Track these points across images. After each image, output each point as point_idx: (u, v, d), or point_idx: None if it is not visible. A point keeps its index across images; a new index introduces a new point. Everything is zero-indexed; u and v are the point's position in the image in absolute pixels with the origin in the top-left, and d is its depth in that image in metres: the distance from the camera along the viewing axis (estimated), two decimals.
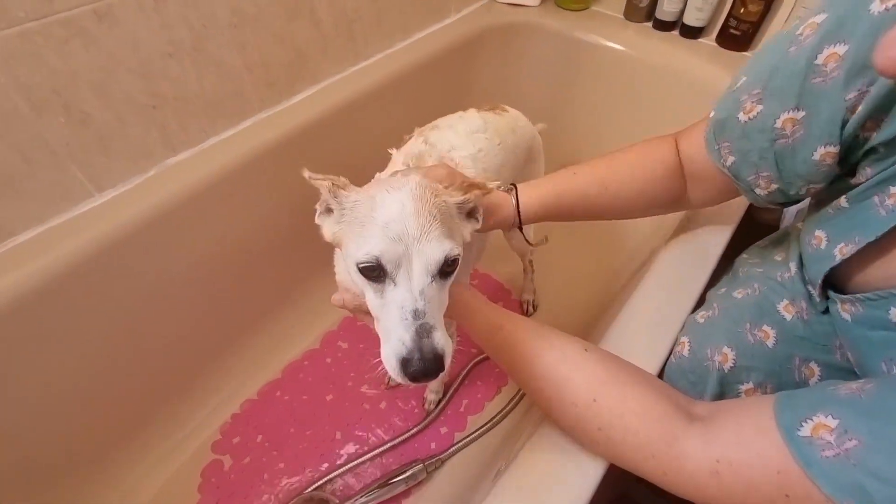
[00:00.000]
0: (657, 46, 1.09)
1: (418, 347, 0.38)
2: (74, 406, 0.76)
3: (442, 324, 0.41)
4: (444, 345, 0.39)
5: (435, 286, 0.42)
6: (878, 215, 0.39)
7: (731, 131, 0.49)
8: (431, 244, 0.41)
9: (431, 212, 0.43)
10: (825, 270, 0.45)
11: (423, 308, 0.40)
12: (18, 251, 0.65)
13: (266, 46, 0.80)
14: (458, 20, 1.17)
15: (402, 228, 0.41)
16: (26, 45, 0.56)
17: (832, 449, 0.31)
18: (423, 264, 0.41)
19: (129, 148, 0.71)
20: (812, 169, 0.43)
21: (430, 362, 0.38)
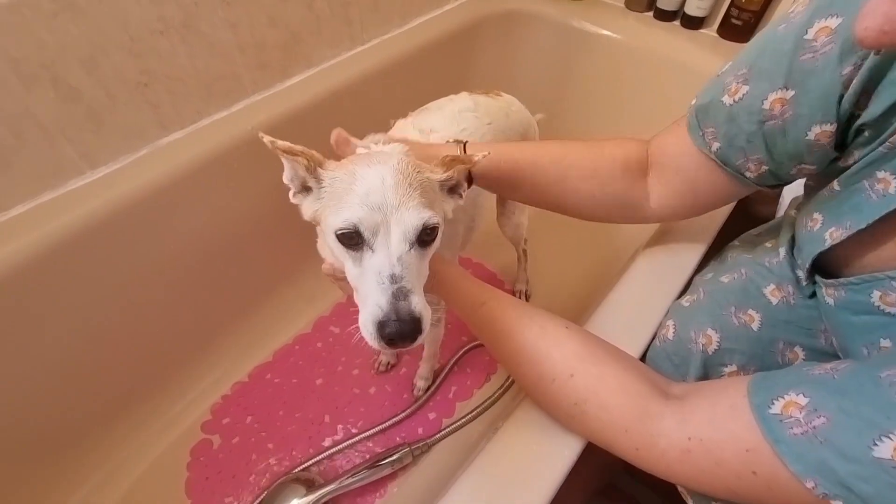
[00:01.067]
0: (658, 37, 1.08)
1: (394, 310, 0.38)
2: (65, 382, 0.77)
3: (420, 291, 0.41)
4: (421, 309, 0.39)
5: (413, 254, 0.42)
6: (870, 200, 0.38)
7: (715, 115, 0.48)
8: (410, 212, 0.41)
9: (412, 184, 0.43)
10: (815, 253, 0.44)
11: (401, 273, 0.40)
12: (8, 226, 0.65)
13: (259, 27, 0.80)
14: (457, 7, 1.17)
15: (381, 199, 0.41)
16: (14, 17, 0.56)
17: (800, 426, 0.31)
18: (402, 231, 0.41)
19: (121, 126, 0.71)
20: (805, 149, 0.42)
21: (405, 324, 0.38)
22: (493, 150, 0.55)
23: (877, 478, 0.28)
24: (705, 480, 0.35)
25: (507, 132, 0.75)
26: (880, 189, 0.37)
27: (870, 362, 0.33)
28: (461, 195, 0.51)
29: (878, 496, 0.28)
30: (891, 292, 0.37)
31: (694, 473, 0.35)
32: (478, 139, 0.67)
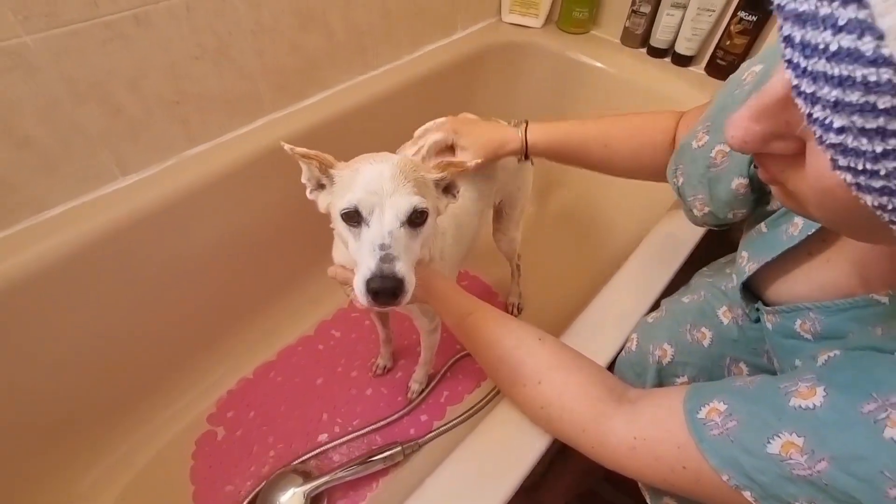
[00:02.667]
0: (649, 72, 1.16)
1: (380, 270, 0.45)
2: (85, 371, 0.84)
3: (408, 262, 0.48)
4: (404, 273, 0.46)
5: (404, 233, 0.49)
6: (781, 240, 0.45)
7: (684, 156, 0.57)
8: (402, 197, 0.49)
9: (407, 177, 0.51)
10: (739, 283, 0.51)
11: (390, 243, 0.47)
12: (50, 223, 0.73)
13: (281, 54, 0.88)
14: (464, 36, 1.25)
15: (378, 186, 0.49)
16: (74, 42, 0.64)
17: (718, 428, 0.37)
18: (394, 212, 0.49)
19: (153, 138, 0.79)
20: (731, 197, 0.51)
21: (388, 280, 0.45)
22: (548, 130, 0.68)
23: (770, 470, 0.34)
24: (649, 473, 0.41)
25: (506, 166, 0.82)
26: (791, 232, 0.44)
27: (778, 377, 0.39)
28: (454, 195, 0.59)
29: (772, 485, 0.34)
30: (807, 321, 0.43)
31: (639, 467, 0.41)
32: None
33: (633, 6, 1.15)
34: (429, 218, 0.52)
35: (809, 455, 0.32)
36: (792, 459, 0.32)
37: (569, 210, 1.37)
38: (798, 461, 0.32)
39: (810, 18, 0.19)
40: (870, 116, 0.19)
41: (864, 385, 0.32)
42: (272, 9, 0.82)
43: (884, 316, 0.37)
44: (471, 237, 0.80)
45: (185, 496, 0.89)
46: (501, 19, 1.31)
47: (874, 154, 0.20)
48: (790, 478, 0.33)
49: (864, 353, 0.36)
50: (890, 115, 0.19)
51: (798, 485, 0.32)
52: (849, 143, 0.20)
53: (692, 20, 1.06)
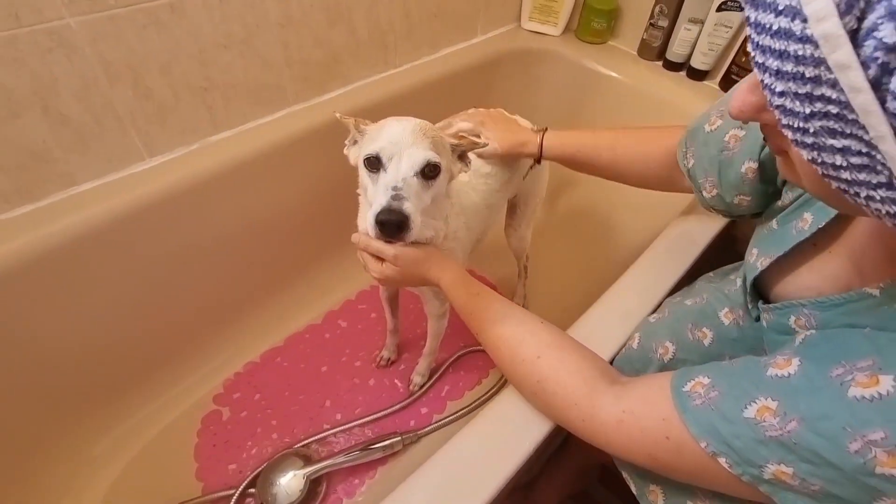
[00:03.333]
0: (665, 84, 1.18)
1: (389, 205, 0.51)
2: (101, 343, 0.86)
3: (417, 206, 0.53)
4: (411, 211, 0.51)
5: (416, 182, 0.54)
6: (791, 235, 0.47)
7: (695, 138, 0.60)
8: (418, 149, 0.54)
9: (426, 135, 0.56)
10: (751, 279, 0.53)
11: (402, 187, 0.52)
12: (79, 198, 0.76)
13: (306, 46, 0.91)
14: (483, 41, 1.28)
15: (399, 138, 0.54)
16: (113, 27, 0.67)
17: (700, 399, 0.39)
18: (410, 162, 0.54)
19: (180, 122, 0.82)
20: (739, 180, 0.53)
21: (395, 214, 0.50)
22: (563, 138, 0.74)
23: (745, 434, 0.36)
24: (633, 448, 0.43)
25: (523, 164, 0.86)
26: (801, 227, 0.46)
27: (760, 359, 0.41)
28: (467, 164, 0.65)
29: (745, 449, 0.36)
30: (801, 317, 0.45)
31: (625, 441, 0.43)
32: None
33: (650, 19, 1.17)
34: (441, 175, 0.57)
35: (781, 417, 0.34)
36: (765, 422, 0.35)
37: (578, 213, 1.38)
38: (771, 423, 0.34)
39: (761, 3, 0.24)
40: (800, 83, 0.24)
41: (835, 355, 0.35)
42: (301, 3, 0.85)
43: (873, 308, 0.38)
44: (483, 226, 0.83)
45: (189, 472, 0.91)
46: (521, 26, 1.33)
47: (804, 114, 0.25)
48: (763, 440, 0.35)
49: (839, 329, 0.39)
50: (815, 83, 0.23)
51: (769, 447, 0.35)
52: (787, 105, 0.25)
53: (709, 35, 1.08)
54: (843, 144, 0.24)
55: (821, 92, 0.23)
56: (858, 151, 0.24)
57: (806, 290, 0.46)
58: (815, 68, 0.23)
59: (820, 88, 0.23)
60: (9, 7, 0.59)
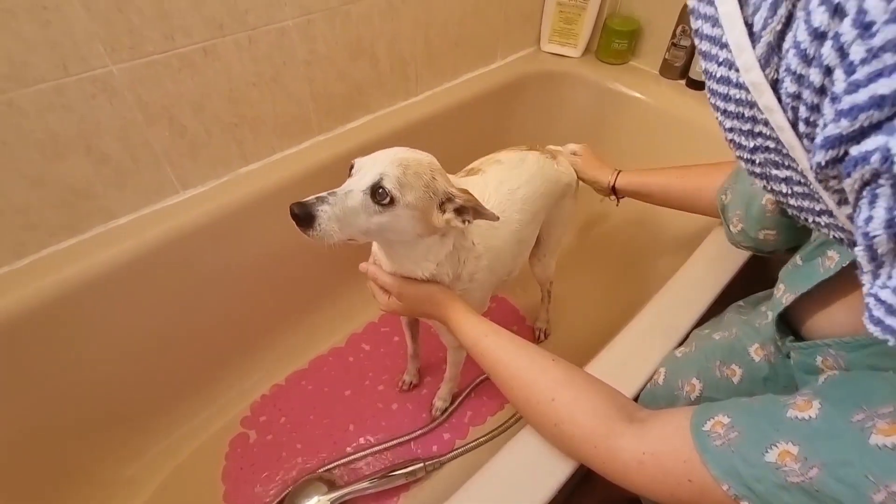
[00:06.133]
0: (688, 103, 1.16)
1: (306, 200, 0.52)
2: (136, 368, 0.90)
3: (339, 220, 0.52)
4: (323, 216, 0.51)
5: (360, 199, 0.53)
6: (817, 272, 0.45)
7: (739, 175, 0.61)
8: (378, 167, 0.54)
9: (403, 167, 0.54)
10: (775, 315, 0.51)
11: (338, 195, 0.52)
12: (117, 231, 0.80)
13: (330, 80, 0.94)
14: (503, 65, 1.29)
15: (378, 158, 0.55)
16: (151, 71, 0.72)
17: (721, 439, 0.38)
18: (362, 177, 0.54)
19: (211, 156, 0.86)
20: (762, 213, 0.53)
21: (301, 208, 0.51)
22: (631, 176, 0.85)
23: (766, 478, 0.34)
24: (656, 488, 0.41)
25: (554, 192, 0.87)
26: (827, 264, 0.44)
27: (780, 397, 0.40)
28: (464, 221, 0.59)
29: (768, 493, 0.34)
30: (828, 357, 0.43)
31: (647, 482, 0.42)
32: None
33: (672, 39, 1.16)
34: (398, 209, 0.54)
35: (803, 462, 0.33)
36: (787, 467, 0.34)
37: (609, 239, 1.36)
38: (792, 468, 0.34)
39: (708, 55, 0.28)
40: (742, 121, 0.27)
41: (856, 398, 0.34)
42: (326, 40, 0.89)
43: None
44: (511, 264, 0.82)
45: (217, 495, 0.93)
46: (540, 48, 1.35)
47: (750, 148, 0.28)
48: (785, 485, 0.34)
49: (861, 371, 0.38)
50: (753, 121, 0.27)
51: (791, 492, 0.34)
52: (735, 139, 0.29)
53: None
54: (784, 175, 0.28)
55: (759, 129, 0.27)
56: (798, 181, 0.27)
57: (839, 326, 0.45)
58: (750, 109, 0.27)
59: (757, 126, 0.27)
60: (57, 59, 0.64)
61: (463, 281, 0.69)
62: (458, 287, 0.69)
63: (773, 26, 0.23)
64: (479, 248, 0.71)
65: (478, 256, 0.71)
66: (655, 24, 1.22)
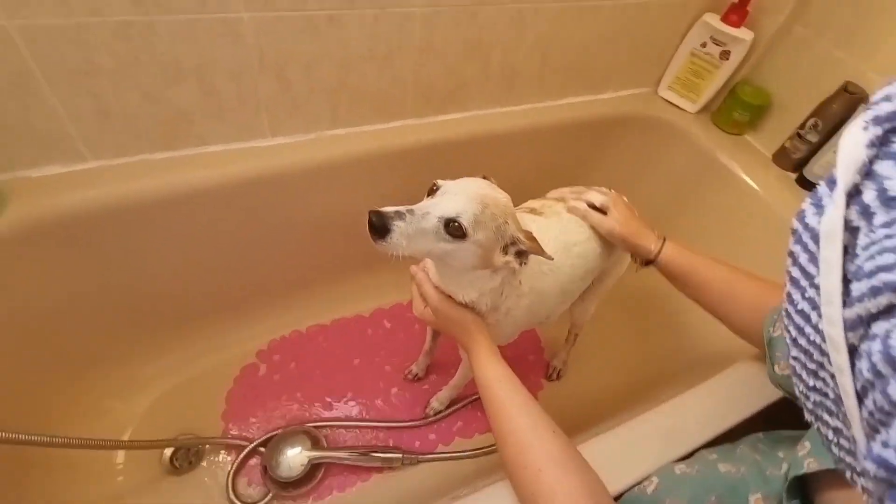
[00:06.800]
0: (790, 202, 1.07)
1: (387, 212, 0.53)
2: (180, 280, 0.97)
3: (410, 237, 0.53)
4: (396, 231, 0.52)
5: (434, 224, 0.54)
6: None
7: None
8: (457, 203, 0.55)
9: (482, 204, 0.55)
10: (791, 476, 0.48)
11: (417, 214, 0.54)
12: (205, 157, 0.85)
13: (437, 71, 0.94)
14: (613, 98, 1.24)
15: (462, 188, 0.57)
16: (277, 26, 0.74)
17: None
18: (443, 206, 0.55)
19: (306, 113, 0.89)
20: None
21: (378, 218, 0.53)
22: (681, 251, 0.73)
23: None
24: None
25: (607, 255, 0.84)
26: None
27: None
28: (520, 263, 0.61)
29: None
30: None
31: None
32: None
33: (800, 129, 1.07)
34: (466, 244, 0.56)
35: None
36: None
37: (648, 296, 1.32)
38: None
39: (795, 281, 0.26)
40: (808, 360, 0.26)
41: None
42: (445, 34, 0.88)
43: None
44: (549, 312, 0.82)
45: (216, 412, 1.02)
46: (657, 92, 1.28)
47: (808, 385, 0.27)
48: None
49: None
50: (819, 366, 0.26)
51: None
52: (797, 368, 0.28)
53: None
54: (834, 425, 0.26)
55: (823, 375, 0.25)
56: (846, 440, 0.26)
57: None
58: (821, 355, 0.25)
59: (823, 372, 0.25)
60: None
61: (499, 313, 0.71)
62: (492, 318, 0.71)
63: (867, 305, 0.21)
64: (524, 288, 0.71)
65: (520, 295, 0.72)
66: (786, 106, 1.13)
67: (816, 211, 0.24)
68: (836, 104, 1.00)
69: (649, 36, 1.14)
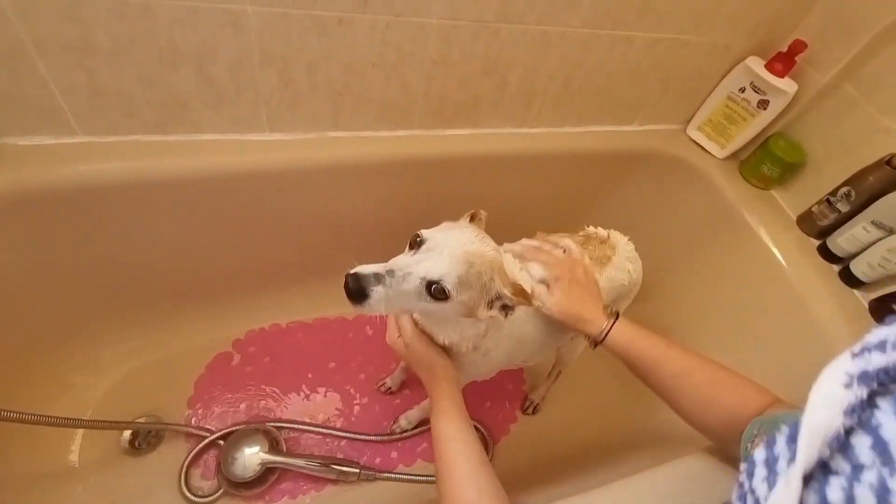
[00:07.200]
0: (806, 270, 1.00)
1: (365, 275, 0.50)
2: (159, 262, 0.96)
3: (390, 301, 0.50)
4: (375, 297, 0.49)
5: (416, 286, 0.51)
6: None
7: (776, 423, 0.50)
8: (443, 266, 0.51)
9: (469, 264, 0.52)
10: None
11: (398, 275, 0.50)
12: (198, 144, 0.83)
13: (451, 85, 0.90)
14: (638, 132, 1.18)
15: (449, 244, 0.52)
16: (282, 22, 0.71)
17: None
18: (426, 268, 0.51)
19: (307, 111, 0.86)
20: None
21: (356, 283, 0.50)
22: (633, 336, 0.63)
23: None
24: None
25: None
26: None
27: None
28: (506, 316, 0.58)
29: None
30: None
31: None
32: None
33: (830, 195, 0.99)
34: (448, 304, 0.53)
35: None
36: None
37: None
38: None
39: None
40: None
41: None
42: (463, 49, 0.84)
43: None
44: (529, 354, 0.79)
45: (183, 396, 1.01)
46: (685, 131, 1.21)
47: None
48: None
49: None
50: None
51: None
52: None
53: (888, 251, 0.90)
54: None
55: None
56: None
57: None
58: None
59: None
60: None
61: (478, 353, 0.68)
62: (470, 357, 0.68)
63: None
64: (506, 332, 0.69)
65: (501, 338, 0.69)
66: (820, 168, 1.05)
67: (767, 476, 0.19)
68: (873, 176, 0.93)
69: (684, 72, 1.07)
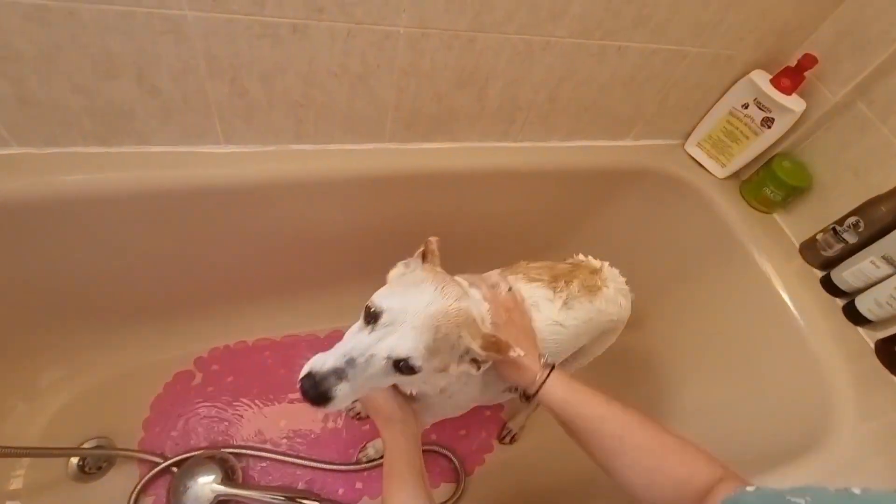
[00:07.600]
0: (807, 303, 0.93)
1: (322, 375, 0.45)
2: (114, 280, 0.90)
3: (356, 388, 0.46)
4: (340, 395, 0.45)
5: (383, 365, 0.47)
6: None
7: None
8: (409, 340, 0.46)
9: (437, 328, 0.48)
10: None
11: (359, 363, 0.45)
12: (146, 156, 0.76)
13: (423, 97, 0.83)
14: (632, 147, 1.10)
15: (411, 311, 0.47)
16: (227, 29, 0.64)
17: None
18: (391, 345, 0.46)
19: (265, 123, 0.79)
20: None
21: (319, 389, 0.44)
22: (569, 390, 0.56)
23: None
24: None
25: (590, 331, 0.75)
26: None
27: None
28: (478, 369, 0.54)
29: None
30: None
31: None
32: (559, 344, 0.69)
33: (836, 224, 0.91)
34: (419, 375, 0.49)
35: None
36: None
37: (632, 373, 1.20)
38: None
39: None
40: None
41: None
42: (435, 60, 0.77)
43: None
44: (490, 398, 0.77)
45: (138, 418, 0.96)
46: (683, 147, 1.13)
47: None
48: None
49: None
50: None
51: None
52: None
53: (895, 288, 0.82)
54: None
55: None
56: None
57: None
58: None
59: None
60: None
61: (445, 395, 0.64)
62: (437, 398, 0.64)
63: None
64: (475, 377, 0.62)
65: (469, 383, 0.65)
66: (827, 193, 0.97)
67: None
68: (885, 206, 0.85)
69: (683, 85, 0.99)
